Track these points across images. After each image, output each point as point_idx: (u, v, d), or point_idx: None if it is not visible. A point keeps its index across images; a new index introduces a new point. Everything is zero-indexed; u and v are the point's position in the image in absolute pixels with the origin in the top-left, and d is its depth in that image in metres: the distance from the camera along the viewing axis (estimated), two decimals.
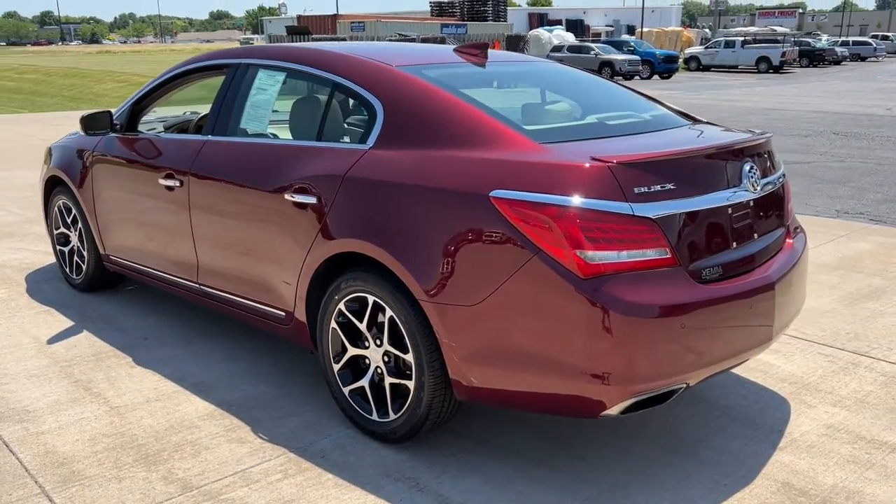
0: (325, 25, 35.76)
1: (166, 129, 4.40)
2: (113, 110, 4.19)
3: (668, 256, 2.38)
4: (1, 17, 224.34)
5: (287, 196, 3.00)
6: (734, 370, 3.52)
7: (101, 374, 3.48)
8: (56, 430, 2.99)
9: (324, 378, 3.11)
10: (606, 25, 61.29)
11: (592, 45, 32.89)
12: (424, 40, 26.06)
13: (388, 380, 2.79)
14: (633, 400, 2.36)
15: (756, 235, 2.74)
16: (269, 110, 3.36)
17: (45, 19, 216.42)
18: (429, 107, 2.77)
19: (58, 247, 4.79)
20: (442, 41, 26.63)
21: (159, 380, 3.44)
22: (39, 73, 33.46)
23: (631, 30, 55.82)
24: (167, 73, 3.98)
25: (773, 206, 2.88)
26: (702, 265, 2.48)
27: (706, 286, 2.44)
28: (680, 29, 53.49)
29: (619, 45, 34.02)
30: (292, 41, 30.03)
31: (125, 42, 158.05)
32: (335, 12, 47.84)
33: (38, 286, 4.77)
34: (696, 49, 40.52)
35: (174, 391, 3.32)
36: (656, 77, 32.19)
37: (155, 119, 4.58)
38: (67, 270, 4.74)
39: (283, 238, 3.06)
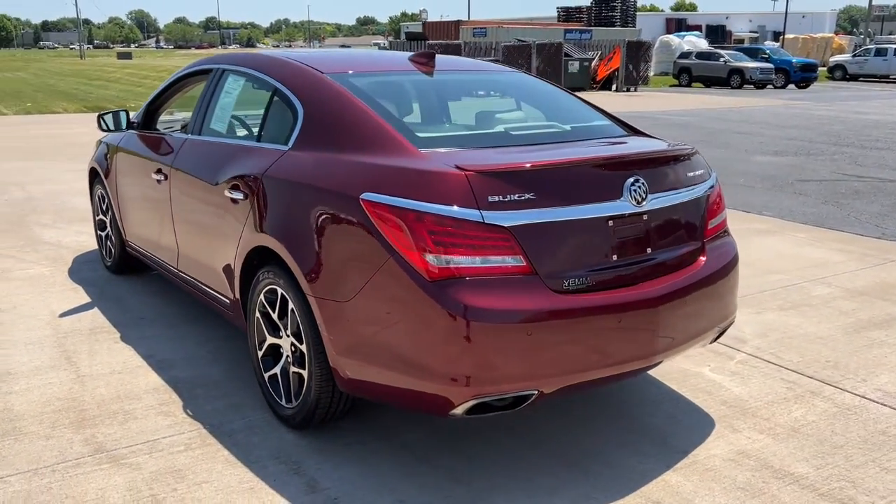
0: (449, 31, 36.46)
1: (181, 128, 4.77)
2: (132, 113, 4.62)
3: (522, 264, 2.41)
4: (171, 21, 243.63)
5: (226, 192, 3.24)
6: (674, 386, 3.43)
7: (87, 347, 3.87)
8: (23, 391, 3.38)
9: (251, 364, 3.32)
10: (750, 31, 58.48)
11: (722, 52, 31.49)
12: (540, 46, 25.97)
13: (292, 369, 2.97)
14: (475, 401, 2.41)
15: (649, 250, 2.68)
16: (230, 112, 3.62)
17: (209, 24, 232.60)
18: (334, 111, 2.92)
19: (98, 232, 5.31)
20: (559, 47, 26.44)
21: (132, 355, 3.78)
22: None
23: (777, 36, 52.99)
24: (174, 76, 4.35)
25: (677, 222, 2.80)
26: (564, 275, 2.47)
27: (563, 296, 2.44)
28: (830, 35, 50.18)
29: (752, 53, 32.41)
30: (411, 46, 30.95)
31: (277, 46, 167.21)
32: (467, 17, 48.58)
33: (80, 266, 5.31)
34: (842, 57, 37.94)
35: (139, 366, 3.65)
36: (792, 86, 30.44)
37: (179, 119, 4.98)
38: (103, 253, 5.25)
39: (224, 230, 3.31)
